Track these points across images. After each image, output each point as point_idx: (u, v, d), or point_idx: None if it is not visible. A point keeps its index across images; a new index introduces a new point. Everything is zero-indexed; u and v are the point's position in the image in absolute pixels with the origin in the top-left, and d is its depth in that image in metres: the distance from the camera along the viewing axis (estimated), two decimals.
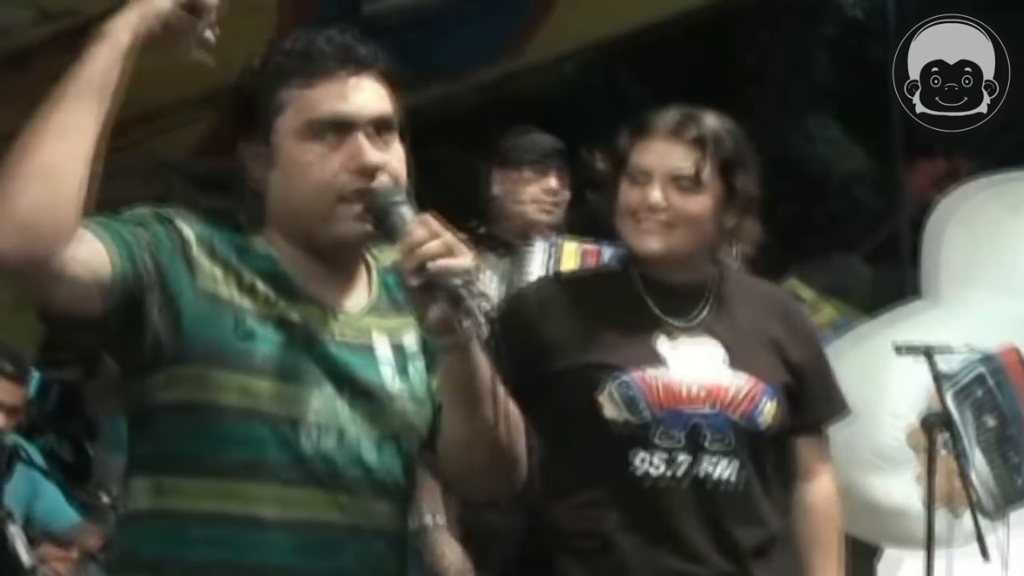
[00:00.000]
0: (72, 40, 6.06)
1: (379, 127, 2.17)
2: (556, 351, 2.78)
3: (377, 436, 2.17)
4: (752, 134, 3.03)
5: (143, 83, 6.90)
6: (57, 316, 2.06)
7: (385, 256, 2.27)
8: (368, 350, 2.20)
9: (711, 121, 2.88)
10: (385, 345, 2.22)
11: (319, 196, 2.14)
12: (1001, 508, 5.35)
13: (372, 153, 2.13)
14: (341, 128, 2.14)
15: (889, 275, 9.73)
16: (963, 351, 4.90)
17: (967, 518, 4.75)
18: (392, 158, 2.17)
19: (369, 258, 2.28)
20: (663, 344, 2.82)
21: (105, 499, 4.89)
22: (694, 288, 2.88)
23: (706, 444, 2.77)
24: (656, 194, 2.80)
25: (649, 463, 2.76)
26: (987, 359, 5.37)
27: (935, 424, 4.47)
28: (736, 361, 2.82)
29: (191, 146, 7.97)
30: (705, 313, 2.87)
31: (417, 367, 2.25)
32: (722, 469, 2.78)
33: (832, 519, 3.03)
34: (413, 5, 6.20)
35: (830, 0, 14.03)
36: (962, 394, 5.30)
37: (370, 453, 2.15)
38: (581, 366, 2.79)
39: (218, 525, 2.08)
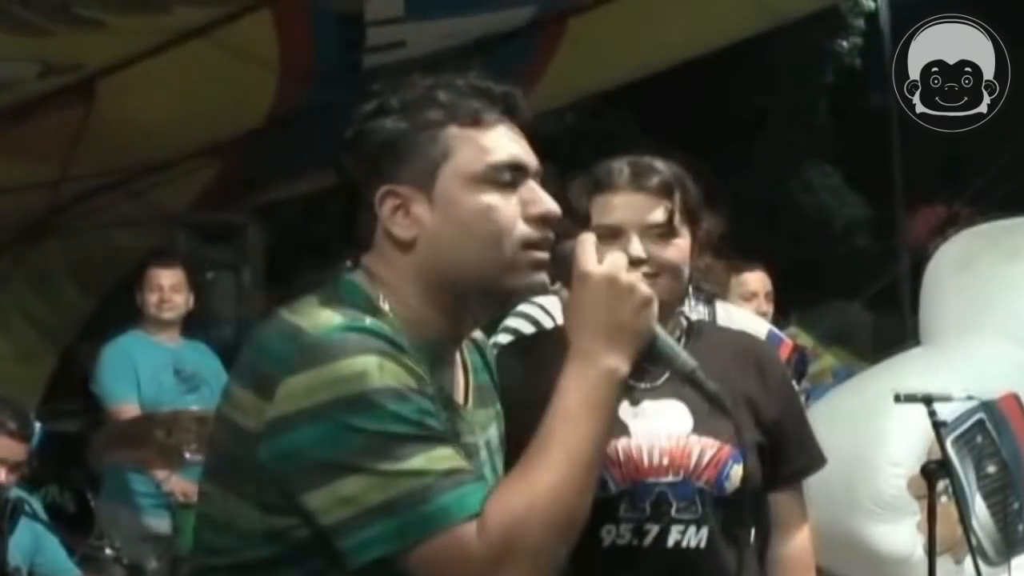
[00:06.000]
0: (76, 94, 6.15)
1: (538, 177, 2.04)
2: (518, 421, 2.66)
3: None
4: (752, 181, 3.01)
5: (145, 135, 6.94)
6: None
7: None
8: (478, 450, 2.07)
9: (667, 167, 2.76)
10: (485, 445, 2.10)
11: (504, 242, 1.95)
12: (1003, 554, 5.35)
13: (552, 202, 2.00)
14: (517, 173, 1.99)
15: (889, 322, 9.76)
16: (963, 398, 4.91)
17: (969, 564, 4.75)
18: None
19: None
20: (624, 410, 2.69)
21: (109, 551, 4.88)
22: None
23: (673, 513, 2.67)
24: (636, 247, 2.67)
25: (616, 535, 2.66)
26: (987, 406, 5.38)
27: (935, 471, 4.46)
28: (701, 425, 2.70)
29: (191, 198, 8.02)
30: (671, 374, 2.68)
31: (497, 464, 2.12)
32: (691, 536, 2.67)
33: (808, 573, 3.00)
34: (416, 58, 6.24)
35: (828, 48, 14.11)
36: (962, 441, 5.31)
37: None
38: None
39: None
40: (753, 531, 2.83)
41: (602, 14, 6.46)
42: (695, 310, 3.94)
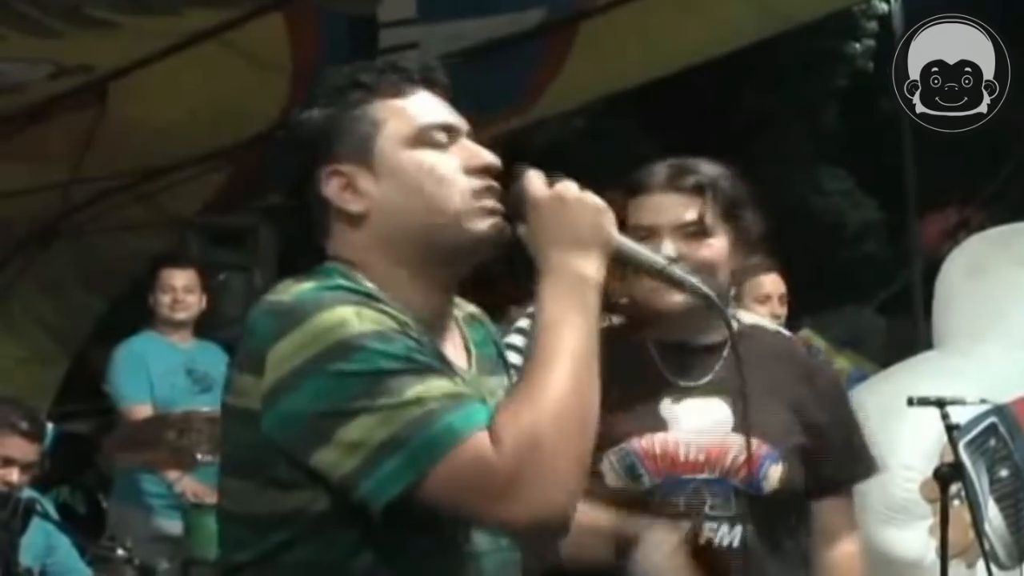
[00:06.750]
0: (87, 96, 6.15)
1: (470, 137, 2.11)
2: None
3: None
4: (762, 185, 2.98)
5: (157, 138, 6.93)
6: None
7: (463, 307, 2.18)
8: None
9: (705, 167, 2.80)
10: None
11: (452, 194, 2.01)
12: (1015, 558, 5.34)
13: (490, 153, 2.06)
14: (449, 133, 2.06)
15: (902, 326, 9.76)
16: (976, 402, 4.89)
17: (981, 568, 4.74)
18: None
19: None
20: (666, 407, 2.73)
21: (120, 552, 4.87)
22: (708, 347, 2.78)
23: (707, 510, 2.68)
24: (668, 246, 2.70)
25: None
26: (999, 410, 5.37)
27: (948, 475, 4.46)
28: (742, 423, 2.67)
29: (202, 201, 8.02)
30: (716, 373, 2.77)
31: None
32: (724, 535, 2.68)
33: None
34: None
35: (840, 51, 14.10)
36: (974, 444, 5.30)
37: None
38: None
39: None
40: (791, 538, 2.81)
41: (613, 17, 6.45)
42: None
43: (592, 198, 2.03)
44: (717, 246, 2.75)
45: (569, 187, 2.03)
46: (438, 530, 1.93)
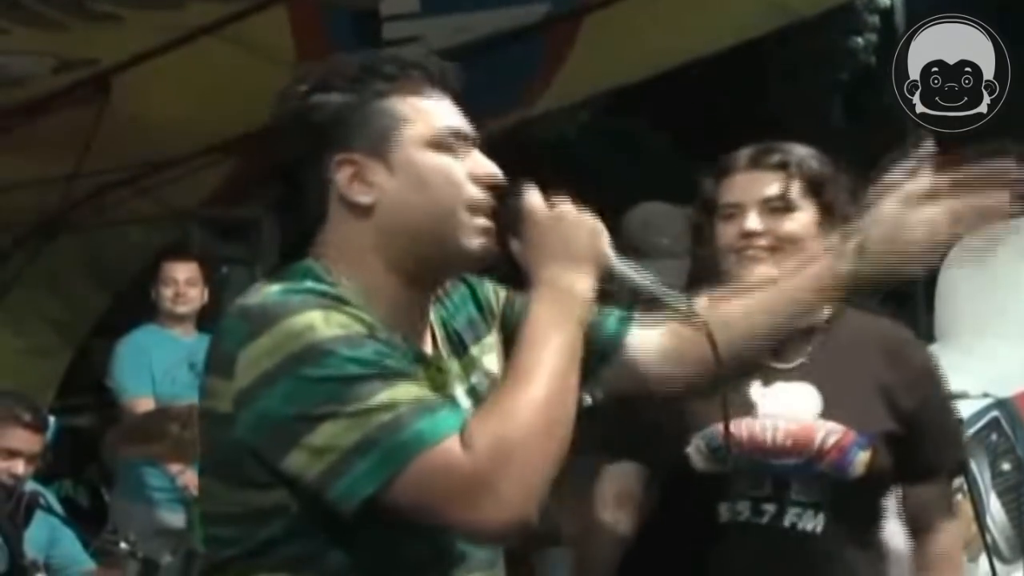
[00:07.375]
0: (90, 90, 6.15)
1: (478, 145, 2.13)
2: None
3: None
4: None
5: (160, 131, 6.92)
6: None
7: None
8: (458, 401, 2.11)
9: (791, 147, 2.85)
10: (468, 392, 2.14)
11: (458, 201, 2.03)
12: (1017, 552, 5.34)
13: (496, 167, 2.08)
14: (462, 140, 2.08)
15: (903, 320, 9.76)
16: (978, 397, 4.90)
17: (983, 562, 4.74)
18: None
19: None
20: (756, 389, 2.74)
21: (124, 546, 4.88)
22: (802, 330, 2.74)
23: (792, 495, 2.70)
24: (752, 220, 2.76)
25: (734, 511, 2.70)
26: (1002, 403, 5.37)
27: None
28: (830, 409, 2.72)
29: (205, 194, 8.02)
30: (808, 356, 2.79)
31: None
32: (808, 520, 2.70)
33: (955, 572, 2.97)
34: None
35: (843, 45, 14.08)
36: (977, 438, 5.30)
37: None
38: (671, 416, 2.71)
39: None
40: (881, 524, 2.83)
41: (618, 11, 6.45)
42: None
43: (590, 218, 2.07)
44: (802, 220, 2.77)
45: (568, 207, 2.06)
46: (412, 525, 1.93)
